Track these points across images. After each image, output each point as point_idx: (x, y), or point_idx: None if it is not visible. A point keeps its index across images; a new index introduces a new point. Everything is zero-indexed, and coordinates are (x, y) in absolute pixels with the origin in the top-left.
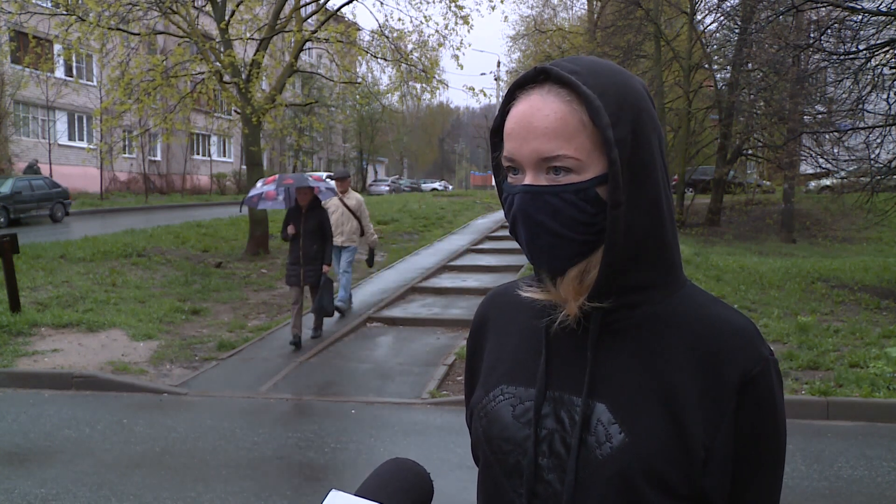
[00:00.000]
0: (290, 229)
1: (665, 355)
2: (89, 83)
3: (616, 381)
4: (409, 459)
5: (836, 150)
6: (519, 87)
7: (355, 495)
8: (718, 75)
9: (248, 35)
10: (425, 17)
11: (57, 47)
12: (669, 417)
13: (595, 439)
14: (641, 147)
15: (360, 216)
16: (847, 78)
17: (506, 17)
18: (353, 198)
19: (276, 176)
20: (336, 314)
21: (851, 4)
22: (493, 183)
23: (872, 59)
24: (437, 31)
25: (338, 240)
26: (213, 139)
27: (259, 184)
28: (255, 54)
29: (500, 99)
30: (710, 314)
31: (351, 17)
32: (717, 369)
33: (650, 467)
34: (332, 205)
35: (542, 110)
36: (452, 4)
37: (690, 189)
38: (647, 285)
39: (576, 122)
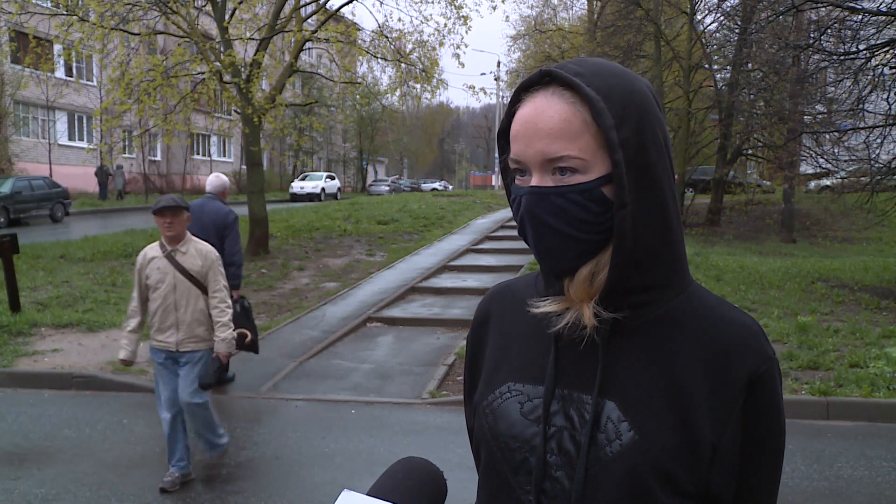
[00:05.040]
0: None
1: (673, 355)
2: (89, 83)
3: (625, 380)
4: (421, 458)
5: (836, 150)
6: (524, 89)
7: (367, 495)
8: (718, 75)
9: (248, 35)
10: (425, 17)
11: (57, 47)
12: (678, 416)
13: (605, 436)
14: (647, 148)
15: (209, 285)
16: (847, 78)
17: (507, 16)
18: (197, 251)
19: None
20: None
21: (851, 4)
22: (493, 183)
23: (872, 59)
24: (437, 30)
25: (169, 338)
26: (214, 139)
27: None
28: (255, 54)
29: (501, 99)
30: (718, 314)
31: (351, 17)
32: (725, 369)
33: (659, 464)
34: (152, 268)
35: (547, 112)
36: (451, 4)
37: (690, 189)
38: (655, 285)
39: (579, 122)
